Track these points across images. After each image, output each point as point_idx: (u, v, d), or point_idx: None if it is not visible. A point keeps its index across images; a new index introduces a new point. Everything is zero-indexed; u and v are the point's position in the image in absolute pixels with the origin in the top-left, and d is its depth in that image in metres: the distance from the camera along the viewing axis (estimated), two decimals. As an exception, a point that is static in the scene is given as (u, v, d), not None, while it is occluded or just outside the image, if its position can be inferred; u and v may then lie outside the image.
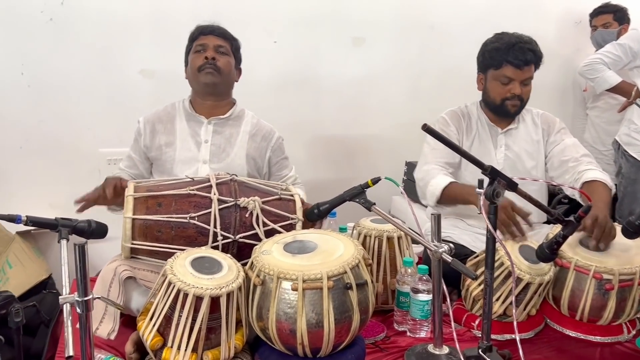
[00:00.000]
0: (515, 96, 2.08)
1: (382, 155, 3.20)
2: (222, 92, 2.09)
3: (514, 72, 2.05)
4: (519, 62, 2.03)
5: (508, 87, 2.08)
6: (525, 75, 2.07)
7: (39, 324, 2.25)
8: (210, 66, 2.00)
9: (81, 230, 1.44)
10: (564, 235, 1.55)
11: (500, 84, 2.09)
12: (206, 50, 2.02)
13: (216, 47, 2.03)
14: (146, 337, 1.41)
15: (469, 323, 1.79)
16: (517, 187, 1.39)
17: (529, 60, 2.04)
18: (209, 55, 2.00)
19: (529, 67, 2.06)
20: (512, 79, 2.07)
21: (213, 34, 2.05)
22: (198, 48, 2.04)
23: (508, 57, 2.04)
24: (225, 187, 1.69)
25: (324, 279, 1.40)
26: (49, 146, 2.67)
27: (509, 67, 2.05)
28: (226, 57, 2.05)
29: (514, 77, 2.06)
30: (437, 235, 1.54)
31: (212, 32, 2.06)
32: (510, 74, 2.06)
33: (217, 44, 2.03)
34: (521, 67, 2.04)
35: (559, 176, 2.12)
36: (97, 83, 2.68)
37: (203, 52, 2.02)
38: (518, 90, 2.07)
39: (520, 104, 2.11)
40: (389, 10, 3.08)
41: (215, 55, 2.01)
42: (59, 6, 2.56)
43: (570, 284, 1.74)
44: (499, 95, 2.11)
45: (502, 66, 2.06)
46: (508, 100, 2.10)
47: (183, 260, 1.45)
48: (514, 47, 2.03)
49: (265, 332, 1.47)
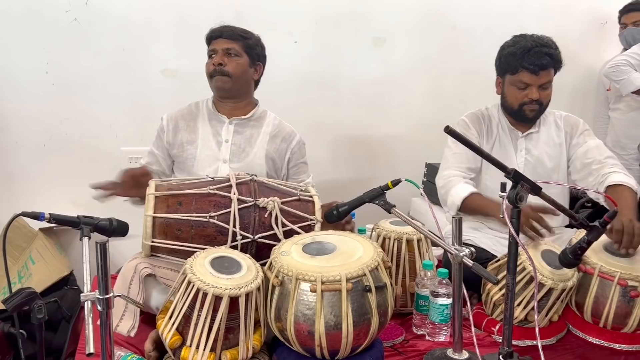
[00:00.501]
0: (533, 101, 2.03)
1: (402, 156, 3.17)
2: (238, 94, 2.08)
3: (530, 77, 2.00)
4: (535, 67, 1.97)
5: (525, 93, 2.03)
6: (543, 80, 2.01)
7: (60, 319, 2.28)
8: (218, 73, 2.00)
9: (103, 228, 1.45)
10: (588, 241, 1.52)
11: (517, 89, 2.05)
12: (216, 56, 2.01)
13: (225, 50, 2.01)
14: (165, 336, 1.42)
15: (489, 328, 1.77)
16: (541, 191, 1.37)
17: (545, 65, 1.98)
18: (216, 62, 2.00)
19: (546, 71, 2.00)
20: (528, 84, 2.02)
21: (222, 37, 2.03)
22: (210, 54, 2.04)
23: (524, 63, 1.98)
24: (245, 187, 1.69)
25: (343, 280, 1.39)
26: (72, 144, 2.70)
27: (525, 73, 2.00)
28: (236, 58, 2.02)
29: (530, 83, 2.01)
30: (458, 238, 1.53)
31: (220, 35, 2.03)
32: (527, 80, 2.01)
33: (225, 47, 2.01)
34: (537, 73, 1.99)
35: (582, 179, 2.08)
36: (119, 82, 2.70)
37: (214, 57, 2.02)
38: (535, 96, 2.02)
39: (539, 109, 2.06)
40: (410, 11, 3.05)
41: (223, 59, 2.00)
42: (83, 6, 2.59)
43: (594, 290, 1.71)
44: (517, 101, 2.06)
45: (518, 71, 2.01)
46: (526, 105, 2.05)
47: (203, 259, 1.45)
48: (530, 52, 1.97)
49: (283, 333, 1.47)
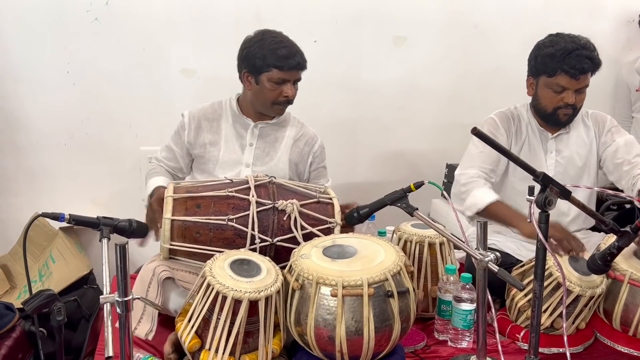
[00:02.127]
0: (568, 105, 1.95)
1: (422, 157, 3.13)
2: None
3: (569, 81, 1.91)
4: (575, 71, 1.88)
5: (561, 96, 1.95)
6: (581, 84, 1.93)
7: (79, 318, 2.30)
8: (287, 104, 1.99)
9: (122, 230, 1.44)
10: (619, 247, 1.46)
11: (553, 92, 1.96)
12: (286, 86, 1.94)
13: (295, 81, 1.97)
14: (184, 339, 1.41)
15: (513, 334, 1.73)
16: (571, 195, 1.32)
17: (585, 69, 1.89)
18: (291, 95, 1.95)
19: (585, 75, 1.91)
20: (566, 88, 1.93)
21: (297, 68, 1.94)
22: (278, 80, 1.92)
23: (564, 66, 1.89)
24: (264, 189, 1.67)
25: (365, 285, 1.37)
26: (92, 143, 2.71)
27: (564, 77, 1.90)
28: (297, 85, 2.00)
29: (568, 87, 1.92)
30: (483, 243, 1.49)
31: (297, 66, 1.93)
32: (565, 84, 1.92)
33: (296, 79, 1.97)
34: (577, 77, 1.89)
35: (617, 181, 2.01)
36: (139, 82, 2.70)
37: (282, 84, 1.93)
38: (572, 100, 1.93)
39: (573, 113, 1.99)
40: (431, 9, 3.00)
41: (294, 92, 1.96)
42: (103, 6, 2.60)
43: (624, 297, 1.66)
44: (551, 104, 1.98)
45: (557, 74, 1.92)
46: (560, 109, 1.97)
47: (222, 262, 1.44)
48: (571, 55, 1.88)
49: (303, 338, 1.44)
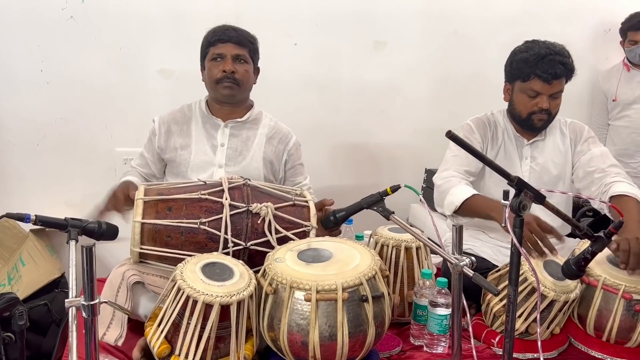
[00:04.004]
0: (543, 110, 1.97)
1: (402, 162, 3.13)
2: (241, 100, 2.04)
3: (543, 86, 1.93)
4: (548, 75, 1.90)
5: (535, 101, 1.97)
6: (554, 90, 1.95)
7: (50, 323, 2.24)
8: (229, 80, 1.93)
9: (91, 231, 1.41)
10: (593, 252, 1.47)
11: (527, 97, 1.98)
12: (224, 61, 1.93)
13: (234, 56, 1.94)
14: (153, 344, 1.37)
15: (488, 339, 1.72)
16: (545, 199, 1.32)
17: (558, 74, 1.91)
18: (228, 69, 1.92)
19: (558, 80, 1.93)
20: (539, 93, 1.95)
21: (231, 41, 1.93)
22: (215, 56, 1.94)
23: (537, 70, 1.91)
24: (238, 191, 1.64)
25: (339, 290, 1.35)
26: (66, 144, 2.66)
27: (537, 81, 1.93)
28: (245, 65, 1.97)
29: (542, 92, 1.95)
30: (459, 247, 1.47)
31: (229, 39, 1.94)
32: (539, 88, 1.94)
33: (235, 54, 1.94)
34: (550, 82, 1.92)
35: (584, 188, 2.02)
36: (115, 82, 2.66)
37: (221, 61, 1.94)
38: (546, 105, 1.95)
39: (547, 118, 2.01)
40: (411, 14, 3.01)
41: (234, 67, 1.93)
42: (79, 4, 2.55)
43: (598, 303, 1.66)
44: (526, 109, 2.00)
45: (530, 79, 1.94)
46: (535, 114, 1.99)
47: (194, 265, 1.41)
48: (544, 60, 1.90)
49: (276, 343, 1.42)
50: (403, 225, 1.51)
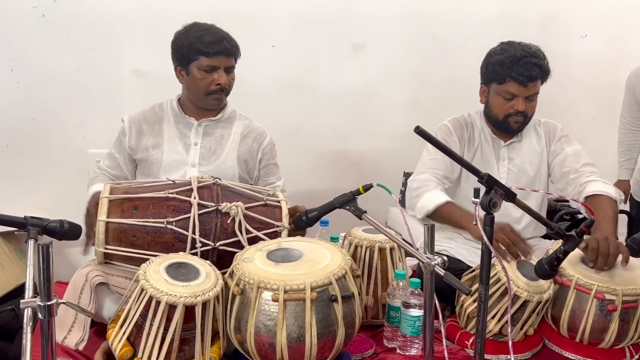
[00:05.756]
0: (519, 113, 1.97)
1: (381, 165, 3.11)
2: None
3: (518, 88, 1.93)
4: (524, 78, 1.90)
5: (511, 104, 1.97)
6: (530, 92, 1.95)
7: (17, 328, 2.18)
8: (222, 92, 1.91)
9: (52, 231, 1.36)
10: (565, 251, 1.45)
11: (503, 99, 1.97)
12: (218, 74, 1.87)
13: (227, 68, 1.90)
14: (115, 347, 1.33)
15: (462, 341, 1.70)
16: (516, 197, 1.31)
17: (534, 77, 1.91)
18: (223, 82, 1.88)
19: (534, 83, 1.93)
20: (515, 95, 1.95)
21: (224, 53, 1.87)
22: (207, 68, 1.86)
23: (512, 73, 1.91)
24: (207, 191, 1.61)
25: (307, 289, 1.32)
26: (37, 145, 2.60)
27: (513, 84, 1.93)
28: (232, 74, 1.94)
29: (517, 94, 1.94)
30: (431, 247, 1.45)
31: (223, 51, 1.86)
32: (514, 91, 1.94)
33: (227, 65, 1.89)
34: (526, 84, 1.92)
35: (561, 189, 2.03)
36: (88, 82, 2.61)
37: (213, 73, 1.87)
38: (521, 107, 1.95)
39: (523, 120, 2.01)
40: (390, 18, 3.01)
41: (226, 79, 1.89)
42: (52, 3, 2.50)
43: (571, 303, 1.65)
44: (502, 112, 1.99)
45: (506, 82, 1.94)
46: (511, 116, 1.99)
47: (158, 265, 1.37)
48: (519, 62, 1.90)
49: (243, 346, 1.38)
50: (376, 225, 1.48)
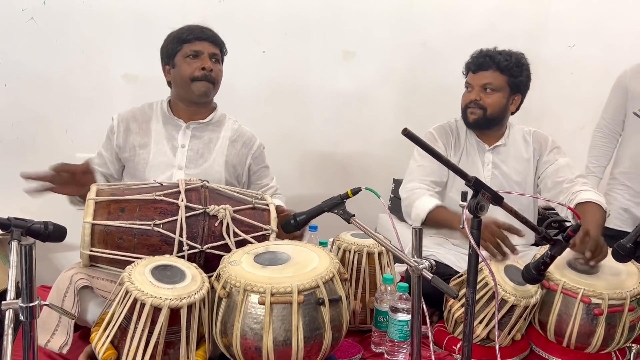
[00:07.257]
0: (473, 102, 2.06)
1: (370, 171, 3.11)
2: (210, 100, 2.02)
3: (472, 77, 2.08)
4: (475, 67, 2.06)
5: (470, 95, 2.08)
6: (483, 81, 2.04)
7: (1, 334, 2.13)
8: (206, 78, 1.90)
9: (36, 232, 1.33)
10: (552, 255, 1.46)
11: (465, 90, 2.12)
12: (201, 59, 1.90)
13: (210, 55, 1.92)
14: (98, 350, 1.31)
15: (450, 346, 1.70)
16: (503, 201, 1.31)
17: (482, 65, 2.03)
18: (207, 67, 1.89)
19: (485, 72, 2.03)
20: (470, 84, 2.08)
21: (208, 40, 1.92)
22: (191, 53, 1.90)
23: (468, 63, 2.10)
24: (195, 193, 1.59)
25: (294, 292, 1.31)
26: (24, 148, 2.57)
27: (470, 74, 2.09)
28: (218, 65, 1.96)
29: (471, 82, 2.08)
30: (418, 250, 1.45)
31: (207, 38, 1.92)
32: (469, 79, 2.10)
33: (212, 52, 1.92)
34: (476, 72, 2.05)
35: (553, 197, 2.05)
36: (77, 85, 2.59)
37: (197, 59, 1.90)
38: (474, 96, 2.05)
39: (482, 114, 2.06)
40: (380, 26, 3.03)
41: (211, 65, 1.90)
42: (41, 5, 2.49)
43: (558, 307, 1.65)
44: (464, 103, 2.11)
45: (467, 74, 2.11)
46: (469, 108, 2.08)
47: (143, 267, 1.35)
48: (477, 55, 2.08)
49: (229, 349, 1.37)
50: (364, 229, 1.47)
